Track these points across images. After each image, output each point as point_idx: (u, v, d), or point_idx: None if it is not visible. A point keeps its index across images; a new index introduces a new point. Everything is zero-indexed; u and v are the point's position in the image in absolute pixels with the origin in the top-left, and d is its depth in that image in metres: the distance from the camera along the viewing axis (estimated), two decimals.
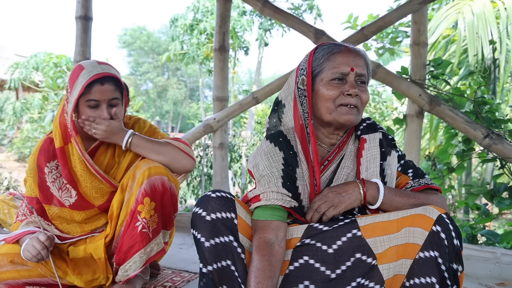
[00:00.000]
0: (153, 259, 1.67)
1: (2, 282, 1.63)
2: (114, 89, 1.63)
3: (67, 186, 1.69)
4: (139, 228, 1.61)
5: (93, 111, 1.63)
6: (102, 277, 1.68)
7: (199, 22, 12.67)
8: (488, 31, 4.59)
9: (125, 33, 33.80)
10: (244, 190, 8.05)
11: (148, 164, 1.65)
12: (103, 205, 1.72)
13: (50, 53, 9.62)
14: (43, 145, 1.74)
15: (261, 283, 1.16)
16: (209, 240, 1.22)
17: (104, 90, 1.60)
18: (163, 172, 1.66)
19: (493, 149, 2.82)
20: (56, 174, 1.71)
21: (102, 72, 1.60)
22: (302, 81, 1.34)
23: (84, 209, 1.70)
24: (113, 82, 1.63)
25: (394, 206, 1.28)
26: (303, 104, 1.33)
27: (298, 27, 3.42)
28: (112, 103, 1.65)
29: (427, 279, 1.11)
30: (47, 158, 1.71)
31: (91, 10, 3.41)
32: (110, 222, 1.69)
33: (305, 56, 1.38)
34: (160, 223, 1.67)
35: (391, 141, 1.42)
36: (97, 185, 1.70)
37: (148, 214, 1.62)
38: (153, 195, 1.62)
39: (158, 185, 1.63)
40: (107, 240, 1.68)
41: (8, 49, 15.03)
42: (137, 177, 1.64)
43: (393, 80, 3.15)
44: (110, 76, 1.62)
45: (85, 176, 1.69)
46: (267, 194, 1.28)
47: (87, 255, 1.67)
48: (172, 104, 32.73)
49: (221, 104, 3.70)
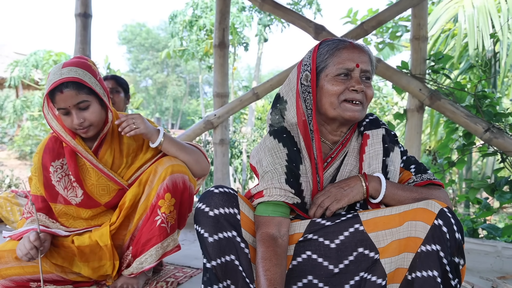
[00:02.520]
0: (168, 254, 1.71)
1: (8, 278, 1.64)
2: (76, 94, 1.57)
3: (74, 185, 1.70)
4: (158, 223, 1.66)
5: (67, 118, 1.61)
6: (108, 264, 1.70)
7: (199, 19, 12.64)
8: (489, 24, 4.57)
9: (125, 30, 33.73)
10: (245, 186, 8.06)
11: (171, 162, 1.69)
12: (109, 202, 1.74)
13: (50, 51, 9.61)
14: (48, 144, 1.73)
15: (269, 270, 1.16)
16: (213, 235, 1.22)
17: (64, 97, 1.56)
18: (185, 171, 1.71)
19: (493, 143, 2.82)
20: (61, 173, 1.71)
21: (60, 78, 1.54)
22: (305, 77, 1.33)
23: (90, 207, 1.72)
24: (73, 87, 1.56)
25: (397, 200, 1.28)
26: (307, 100, 1.32)
27: (298, 22, 3.41)
28: (80, 107, 1.59)
29: (429, 272, 1.12)
30: (52, 157, 1.71)
31: (91, 7, 3.41)
32: (119, 212, 1.71)
33: (309, 52, 1.37)
34: (177, 220, 1.72)
35: (394, 137, 1.42)
36: (103, 182, 1.72)
37: (168, 209, 1.66)
38: (174, 192, 1.67)
39: (180, 182, 1.68)
40: (113, 228, 1.70)
41: (8, 47, 14.99)
42: (159, 172, 1.67)
43: (393, 75, 3.15)
44: (70, 81, 1.55)
45: (92, 173, 1.70)
46: (270, 190, 1.28)
47: (93, 242, 1.69)
48: (172, 100, 32.69)
49: (222, 100, 3.70)
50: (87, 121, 1.61)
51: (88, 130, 1.64)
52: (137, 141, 1.78)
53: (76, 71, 1.58)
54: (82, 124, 1.61)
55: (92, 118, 1.62)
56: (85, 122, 1.61)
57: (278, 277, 1.16)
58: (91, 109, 1.62)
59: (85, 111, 1.61)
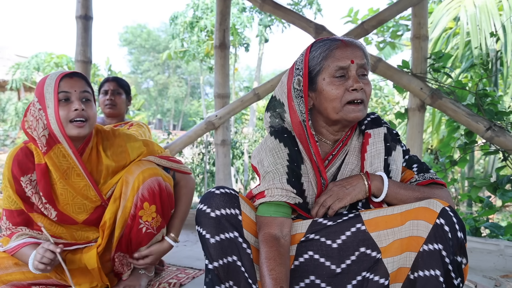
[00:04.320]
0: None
1: (8, 284, 1.64)
2: (84, 83, 1.59)
3: (46, 206, 1.62)
4: (144, 230, 1.66)
5: (66, 106, 1.53)
6: (100, 285, 1.70)
7: (199, 20, 12.66)
8: (491, 23, 4.56)
9: (126, 31, 33.80)
10: (246, 186, 8.06)
11: (140, 167, 1.64)
12: (87, 220, 1.68)
13: (51, 53, 9.64)
14: (18, 155, 1.62)
15: (274, 269, 1.16)
16: (214, 236, 1.22)
17: (73, 82, 1.56)
18: (157, 173, 1.65)
19: (495, 142, 2.82)
20: (31, 189, 1.61)
21: (69, 71, 1.62)
22: (298, 82, 1.33)
23: (68, 223, 1.68)
24: (81, 77, 1.60)
25: (399, 199, 1.28)
26: (300, 105, 1.32)
27: (298, 22, 3.41)
28: (84, 96, 1.57)
29: (431, 271, 1.12)
30: (21, 171, 1.60)
31: (91, 9, 3.41)
32: (102, 233, 1.67)
33: (301, 55, 1.36)
34: (163, 220, 1.71)
35: (396, 136, 1.42)
36: (79, 202, 1.64)
37: (150, 217, 1.65)
38: (153, 199, 1.63)
39: (155, 186, 1.63)
40: (100, 250, 1.66)
41: (9, 50, 15.04)
42: (130, 183, 1.61)
43: (394, 74, 3.14)
44: (78, 73, 1.61)
45: (66, 194, 1.62)
46: (272, 190, 1.28)
47: (82, 265, 1.66)
48: (173, 102, 32.73)
49: (223, 101, 3.70)
50: (86, 112, 1.56)
51: (84, 124, 1.55)
52: (118, 161, 1.68)
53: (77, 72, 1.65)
54: (82, 113, 1.54)
55: (91, 113, 1.59)
56: (85, 112, 1.55)
57: (283, 276, 1.16)
58: (91, 104, 1.60)
59: (86, 103, 1.58)
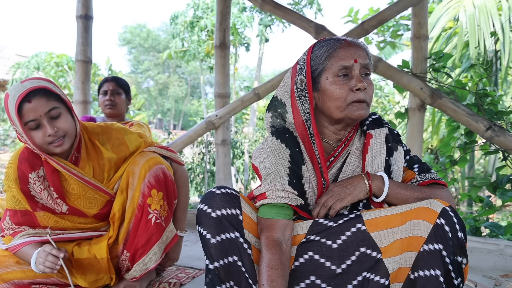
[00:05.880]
0: (169, 246, 1.72)
1: (9, 282, 1.64)
2: (46, 101, 1.48)
3: (57, 201, 1.63)
4: (153, 221, 1.65)
5: (38, 132, 1.49)
6: (106, 277, 1.71)
7: (199, 19, 12.65)
8: (490, 23, 4.57)
9: (125, 31, 33.77)
10: (247, 186, 8.06)
11: (144, 157, 1.68)
12: (98, 214, 1.70)
13: (51, 53, 9.63)
14: (23, 153, 1.61)
15: (275, 281, 1.17)
16: (215, 236, 1.22)
17: (34, 106, 1.46)
18: (160, 161, 1.71)
19: (495, 141, 2.82)
20: (40, 186, 1.60)
21: (24, 90, 1.46)
22: (300, 81, 1.32)
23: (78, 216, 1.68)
24: (42, 94, 1.48)
25: (400, 199, 1.28)
26: (304, 104, 1.32)
27: (299, 22, 3.41)
28: (52, 115, 1.50)
29: (431, 271, 1.12)
30: (30, 167, 1.59)
31: (92, 9, 3.42)
32: (112, 225, 1.69)
33: (303, 55, 1.36)
34: (169, 211, 1.72)
35: (397, 137, 1.42)
36: (91, 196, 1.66)
37: (158, 204, 1.65)
38: (159, 185, 1.66)
39: (160, 174, 1.67)
40: (110, 242, 1.69)
41: (9, 50, 15.02)
42: (136, 173, 1.65)
43: (395, 74, 3.15)
44: (36, 89, 1.47)
45: (78, 188, 1.63)
46: (273, 192, 1.28)
47: (91, 255, 1.67)
48: (173, 101, 32.71)
49: (223, 101, 3.70)
50: (61, 130, 1.51)
51: (63, 141, 1.52)
52: (119, 153, 1.69)
53: (39, 81, 1.51)
54: (56, 134, 1.49)
55: (66, 127, 1.52)
56: (59, 131, 1.50)
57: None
58: (63, 118, 1.53)
59: (57, 120, 1.51)
